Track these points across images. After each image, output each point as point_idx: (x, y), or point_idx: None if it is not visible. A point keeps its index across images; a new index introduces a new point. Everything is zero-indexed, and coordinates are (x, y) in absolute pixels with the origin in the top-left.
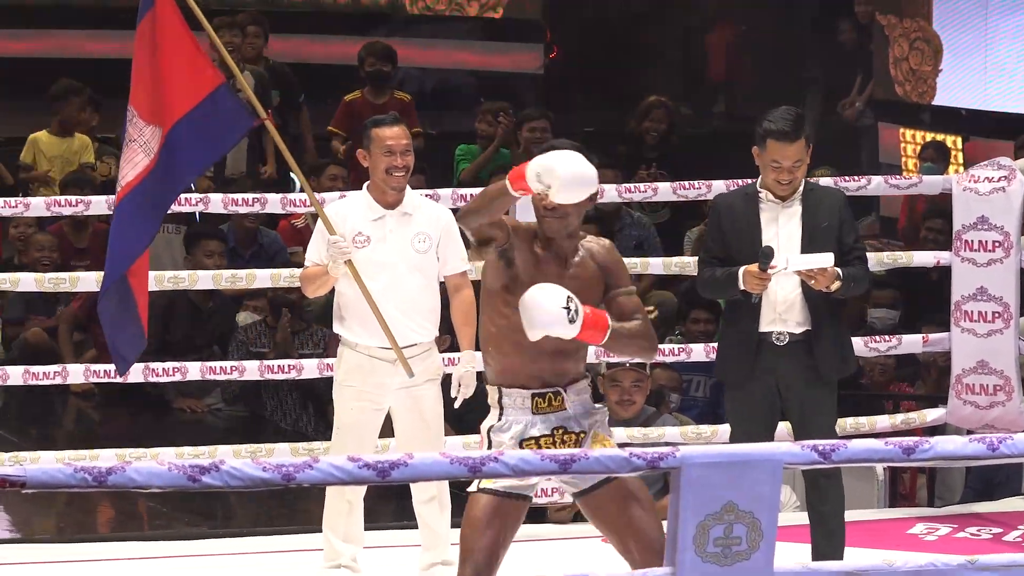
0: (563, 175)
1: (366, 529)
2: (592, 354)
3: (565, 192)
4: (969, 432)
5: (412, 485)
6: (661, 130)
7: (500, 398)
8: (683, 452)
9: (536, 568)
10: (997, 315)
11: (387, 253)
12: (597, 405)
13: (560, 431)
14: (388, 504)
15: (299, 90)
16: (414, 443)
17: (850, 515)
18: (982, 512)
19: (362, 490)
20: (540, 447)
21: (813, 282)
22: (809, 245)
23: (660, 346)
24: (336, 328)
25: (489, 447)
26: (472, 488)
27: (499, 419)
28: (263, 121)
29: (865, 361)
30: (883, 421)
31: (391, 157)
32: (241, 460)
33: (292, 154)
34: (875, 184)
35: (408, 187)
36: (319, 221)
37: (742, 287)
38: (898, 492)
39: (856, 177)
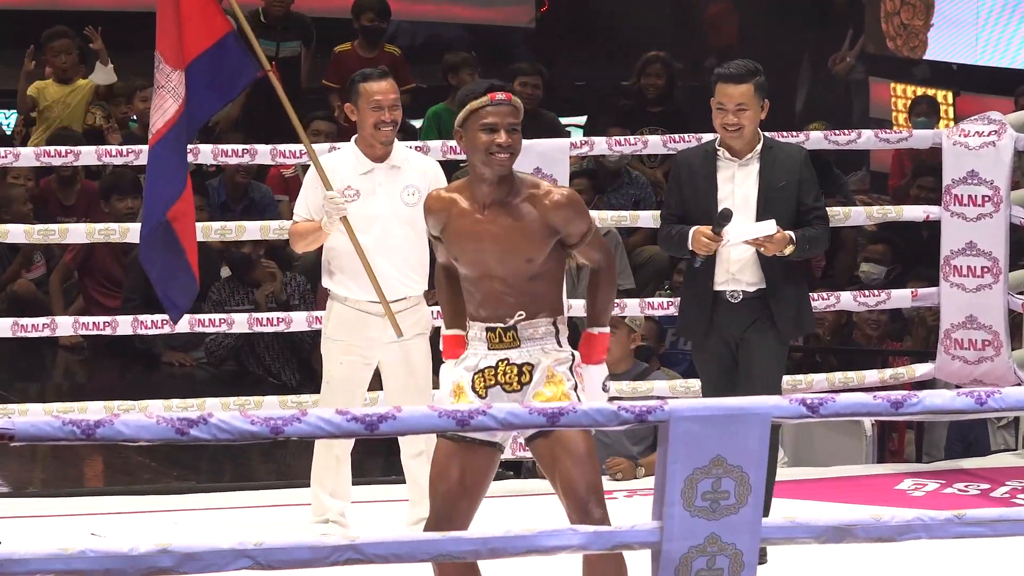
0: None
1: (354, 484)
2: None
3: None
4: (957, 387)
5: (401, 440)
6: (660, 85)
7: (468, 331)
8: (671, 406)
9: (520, 522)
10: (986, 270)
11: (376, 207)
12: (563, 347)
13: (504, 362)
14: (376, 459)
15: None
16: (403, 397)
17: (838, 471)
18: (970, 468)
19: (349, 445)
20: (484, 378)
21: (763, 249)
22: (764, 204)
23: (649, 300)
24: (325, 282)
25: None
26: None
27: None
28: (266, 73)
29: (856, 316)
30: (871, 376)
31: (379, 112)
32: (229, 413)
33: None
34: (865, 138)
35: (396, 140)
36: (308, 175)
37: (690, 247)
38: (886, 448)
39: (846, 131)
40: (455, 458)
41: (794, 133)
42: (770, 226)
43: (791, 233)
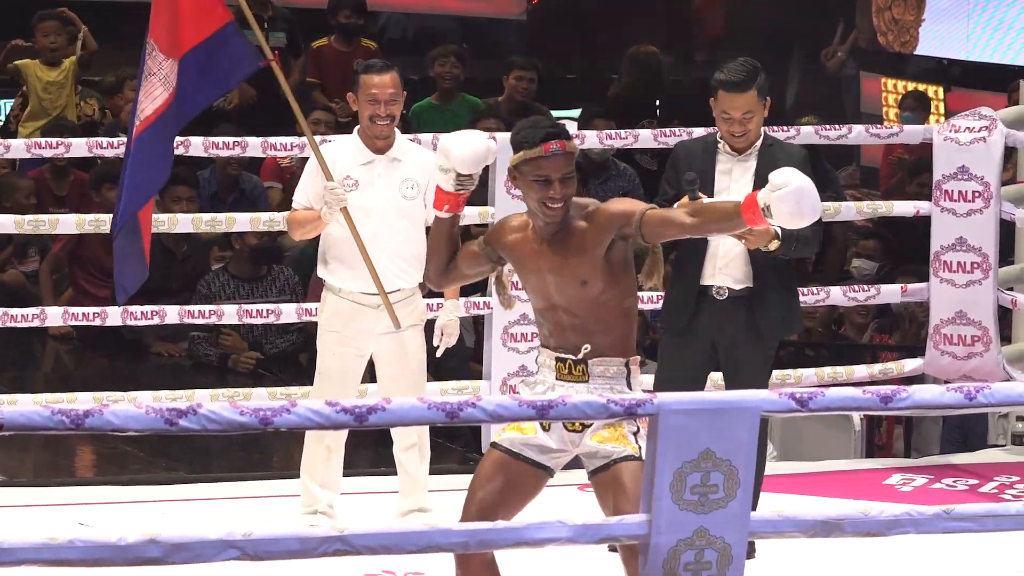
0: (459, 154)
1: (343, 476)
2: None
3: (467, 167)
4: (946, 383)
5: (393, 432)
6: (648, 79)
7: (538, 356)
8: (660, 399)
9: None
10: (976, 265)
11: (374, 198)
12: (632, 391)
13: None
14: (365, 451)
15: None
16: (397, 388)
17: (826, 465)
18: (958, 463)
19: (342, 436)
20: None
21: (745, 242)
22: None
23: (640, 294)
24: (320, 272)
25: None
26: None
27: (535, 374)
28: (269, 63)
29: (844, 307)
30: (860, 371)
31: (375, 106)
32: (219, 404)
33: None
34: (856, 133)
35: (398, 132)
36: (309, 163)
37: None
38: (874, 443)
39: (837, 126)
40: (503, 471)
41: (785, 128)
42: None
43: (777, 228)
